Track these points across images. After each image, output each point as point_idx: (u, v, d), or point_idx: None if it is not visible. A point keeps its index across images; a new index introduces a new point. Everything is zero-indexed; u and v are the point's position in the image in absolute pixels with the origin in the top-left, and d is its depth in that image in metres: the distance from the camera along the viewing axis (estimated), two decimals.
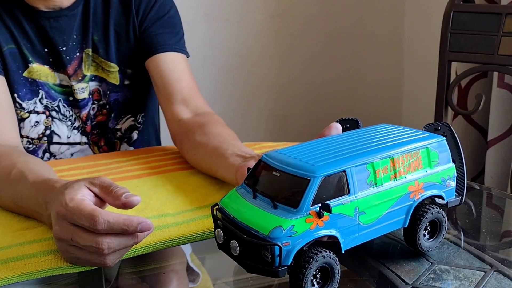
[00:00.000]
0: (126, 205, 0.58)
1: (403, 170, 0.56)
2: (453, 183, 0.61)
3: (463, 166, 0.70)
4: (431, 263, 0.58)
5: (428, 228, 0.59)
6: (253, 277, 0.63)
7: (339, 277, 0.51)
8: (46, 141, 1.08)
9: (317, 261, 0.49)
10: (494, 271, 0.56)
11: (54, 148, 1.09)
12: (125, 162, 0.96)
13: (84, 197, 0.58)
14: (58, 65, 1.05)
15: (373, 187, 0.53)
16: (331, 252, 0.50)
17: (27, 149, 1.07)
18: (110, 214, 0.55)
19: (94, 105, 1.09)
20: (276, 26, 1.97)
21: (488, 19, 1.22)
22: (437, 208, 0.59)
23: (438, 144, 0.59)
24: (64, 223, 0.57)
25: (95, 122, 1.11)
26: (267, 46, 1.97)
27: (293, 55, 2.01)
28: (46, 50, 1.03)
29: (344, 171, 0.51)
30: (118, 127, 1.14)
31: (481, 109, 1.28)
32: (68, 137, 1.10)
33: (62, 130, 1.09)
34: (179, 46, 1.07)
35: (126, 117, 1.14)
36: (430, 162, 0.58)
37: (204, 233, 0.66)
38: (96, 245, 0.55)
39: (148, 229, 0.56)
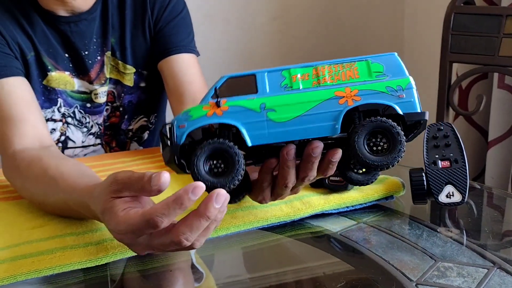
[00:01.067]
0: (160, 191, 0.54)
1: (329, 78, 0.57)
2: (408, 95, 0.57)
3: (465, 166, 0.71)
4: (435, 260, 0.59)
5: (382, 143, 0.56)
6: (255, 277, 0.64)
7: (240, 169, 0.54)
8: (61, 147, 1.08)
9: (206, 146, 0.54)
10: (497, 268, 0.57)
11: (68, 152, 1.09)
12: (130, 162, 0.96)
13: (124, 210, 0.55)
14: (79, 70, 1.04)
15: (288, 90, 0.56)
16: (226, 140, 0.55)
17: None
18: (159, 206, 0.52)
19: (107, 107, 1.10)
20: (277, 28, 1.98)
21: (489, 20, 1.23)
22: (382, 118, 0.55)
23: (384, 58, 0.58)
24: (136, 243, 0.56)
25: (108, 123, 1.11)
26: (268, 48, 1.97)
27: (294, 58, 2.01)
28: (67, 55, 1.03)
29: (254, 75, 0.57)
30: (130, 127, 1.14)
31: (482, 110, 1.29)
32: (83, 142, 1.10)
33: (77, 136, 1.09)
34: (191, 47, 1.08)
35: (138, 118, 1.14)
36: (371, 73, 0.57)
37: None
38: (176, 244, 0.53)
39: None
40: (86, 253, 0.62)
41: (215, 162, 0.55)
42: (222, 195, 0.52)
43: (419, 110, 0.57)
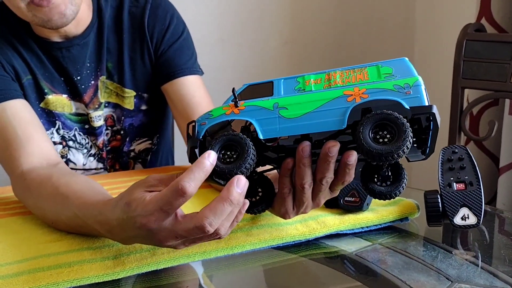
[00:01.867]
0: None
1: (340, 81, 0.59)
2: (416, 91, 0.57)
3: (480, 188, 0.71)
4: (451, 281, 0.59)
5: (388, 135, 0.55)
6: None
7: (248, 158, 0.57)
8: None
9: (221, 137, 0.59)
10: None
11: None
12: None
13: (151, 194, 0.56)
14: (74, 94, 1.05)
15: (300, 92, 0.60)
16: (239, 133, 0.59)
17: None
18: (183, 174, 0.54)
19: (107, 131, 1.10)
20: (288, 52, 2.00)
21: (500, 47, 1.24)
22: (388, 111, 0.55)
23: (394, 62, 0.59)
24: (160, 229, 0.56)
25: (109, 148, 1.12)
26: (280, 71, 2.00)
27: None
28: (62, 79, 1.04)
29: (272, 82, 0.62)
30: (132, 148, 1.15)
31: (493, 136, 1.29)
32: (84, 164, 1.11)
33: (78, 158, 1.09)
34: (195, 68, 1.09)
35: (141, 140, 1.15)
36: (380, 75, 0.59)
37: (217, 250, 0.67)
38: (199, 230, 0.54)
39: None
40: (104, 267, 0.62)
41: (228, 153, 0.59)
42: (242, 179, 0.55)
43: (426, 104, 0.57)
